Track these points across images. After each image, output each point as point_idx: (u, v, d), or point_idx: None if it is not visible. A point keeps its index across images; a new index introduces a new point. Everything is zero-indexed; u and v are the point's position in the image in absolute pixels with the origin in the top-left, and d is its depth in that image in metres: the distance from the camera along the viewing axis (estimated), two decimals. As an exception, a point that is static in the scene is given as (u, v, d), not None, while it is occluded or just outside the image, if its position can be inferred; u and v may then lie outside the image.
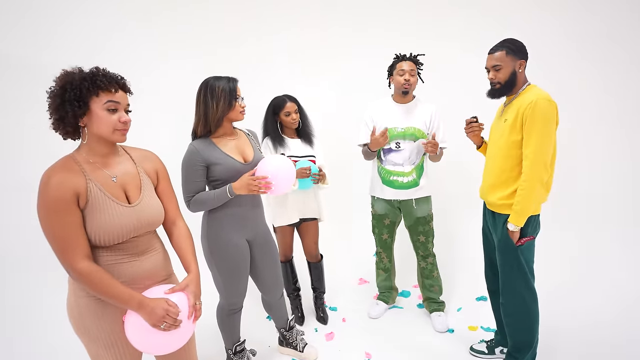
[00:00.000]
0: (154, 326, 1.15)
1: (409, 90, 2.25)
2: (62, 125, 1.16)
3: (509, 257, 1.77)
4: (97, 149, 1.21)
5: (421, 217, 2.37)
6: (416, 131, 2.26)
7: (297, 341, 2.20)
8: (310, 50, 3.32)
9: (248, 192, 1.63)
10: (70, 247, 1.11)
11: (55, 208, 1.09)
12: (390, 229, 2.49)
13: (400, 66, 2.24)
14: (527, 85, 1.73)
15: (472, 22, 3.10)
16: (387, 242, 2.53)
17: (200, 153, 1.65)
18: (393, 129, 2.26)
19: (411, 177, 2.28)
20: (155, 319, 1.15)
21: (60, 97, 1.13)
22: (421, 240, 2.42)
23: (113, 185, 1.21)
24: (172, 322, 1.17)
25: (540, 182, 1.64)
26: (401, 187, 2.29)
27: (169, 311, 1.17)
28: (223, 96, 1.64)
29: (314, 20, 3.27)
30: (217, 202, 1.68)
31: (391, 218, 2.45)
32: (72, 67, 1.18)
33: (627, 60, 2.94)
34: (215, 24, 3.23)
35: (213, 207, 1.71)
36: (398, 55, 2.30)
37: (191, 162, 1.66)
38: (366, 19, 3.24)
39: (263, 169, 1.66)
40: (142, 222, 1.24)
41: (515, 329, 1.86)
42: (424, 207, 2.37)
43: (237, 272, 1.81)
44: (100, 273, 1.13)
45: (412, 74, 2.23)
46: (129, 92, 1.26)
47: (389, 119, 2.29)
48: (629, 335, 2.24)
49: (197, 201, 1.68)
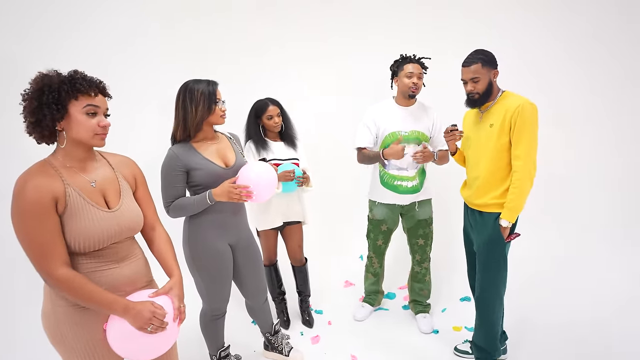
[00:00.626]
0: (140, 329, 1.13)
1: (416, 93, 2.21)
2: (39, 129, 1.12)
3: (496, 254, 1.86)
4: (74, 154, 1.18)
5: (422, 220, 2.36)
6: (420, 135, 2.23)
7: (283, 345, 2.18)
8: (303, 52, 3.30)
9: (228, 199, 1.60)
10: (49, 253, 1.08)
11: (33, 213, 1.06)
12: (385, 235, 2.46)
13: (407, 68, 2.17)
14: (503, 92, 1.85)
15: (468, 25, 3.11)
16: (381, 248, 2.50)
17: (180, 158, 1.62)
18: (397, 132, 2.22)
19: (415, 181, 2.26)
20: (141, 321, 1.13)
21: (37, 100, 1.10)
22: (420, 243, 2.41)
23: (92, 190, 1.19)
24: (159, 324, 1.15)
25: (531, 180, 1.76)
26: (406, 192, 2.26)
27: (156, 313, 1.15)
28: (202, 100, 1.60)
29: (311, 20, 3.24)
30: (197, 208, 1.65)
31: (389, 225, 2.42)
32: (49, 70, 1.15)
33: (613, 60, 3.01)
34: (206, 27, 3.18)
35: (193, 213, 1.68)
36: (404, 55, 2.22)
37: (170, 167, 1.62)
38: (365, 20, 3.22)
39: (244, 177, 1.63)
40: (123, 228, 1.22)
41: (490, 321, 1.94)
42: (427, 209, 2.37)
43: (219, 277, 1.79)
44: (81, 279, 1.11)
45: (419, 76, 2.18)
46: (109, 97, 1.24)
47: (392, 122, 2.24)
48: (610, 332, 2.31)
49: (176, 207, 1.65)
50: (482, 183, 1.86)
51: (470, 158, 1.96)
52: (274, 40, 3.25)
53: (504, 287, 1.90)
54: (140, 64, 3.05)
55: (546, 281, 2.85)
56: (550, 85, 2.97)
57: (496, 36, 2.96)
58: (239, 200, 1.60)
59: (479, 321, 1.98)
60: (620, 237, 3.05)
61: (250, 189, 1.60)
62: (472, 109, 1.95)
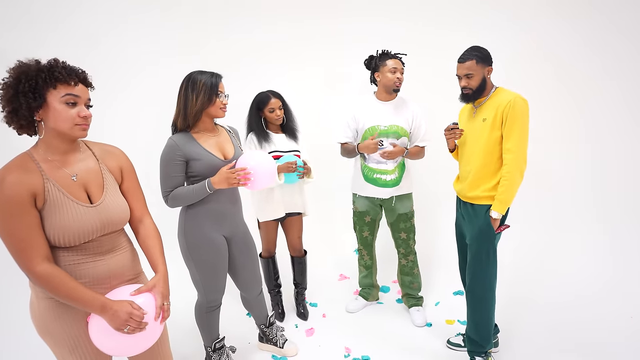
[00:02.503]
0: (117, 329, 1.12)
1: (399, 88, 2.24)
2: (16, 118, 1.10)
3: (486, 245, 1.89)
4: (55, 145, 1.16)
5: (403, 214, 2.39)
6: (399, 129, 2.26)
7: (277, 337, 2.20)
8: (296, 44, 3.28)
9: (227, 185, 1.60)
10: (28, 249, 1.07)
11: (11, 209, 1.05)
12: (371, 226, 2.50)
13: (389, 64, 2.20)
14: (497, 88, 1.88)
15: (457, 20, 3.10)
16: (368, 239, 2.54)
17: (180, 147, 1.63)
18: (376, 126, 2.26)
19: (394, 175, 2.29)
20: (118, 322, 1.11)
21: (13, 89, 1.08)
22: (402, 237, 2.44)
23: (73, 185, 1.16)
24: (137, 325, 1.13)
25: (521, 173, 1.80)
26: (384, 185, 2.30)
27: (133, 314, 1.13)
28: (204, 90, 1.61)
29: (302, 12, 3.22)
30: (195, 197, 1.65)
31: (372, 216, 2.46)
32: (29, 59, 1.12)
33: (591, 60, 3.00)
34: (200, 17, 3.15)
35: (191, 202, 1.68)
36: (384, 51, 2.25)
37: (170, 156, 1.63)
38: (353, 12, 3.22)
39: (242, 163, 1.65)
40: (105, 223, 1.20)
41: (482, 313, 1.96)
42: (406, 203, 2.39)
43: (215, 269, 1.80)
44: (61, 275, 1.09)
45: (402, 71, 2.22)
46: (91, 87, 1.21)
47: (372, 116, 2.28)
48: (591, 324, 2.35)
49: (175, 196, 1.65)
50: (474, 176, 1.89)
51: (463, 152, 1.99)
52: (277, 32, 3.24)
53: (494, 279, 1.94)
54: (142, 55, 3.03)
55: (534, 273, 2.89)
56: (529, 85, 2.91)
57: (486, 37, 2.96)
58: (238, 184, 1.60)
59: (470, 314, 2.01)
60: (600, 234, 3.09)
61: (248, 170, 1.60)
62: (466, 103, 1.98)
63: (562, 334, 2.27)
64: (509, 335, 2.26)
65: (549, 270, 2.92)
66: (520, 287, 2.76)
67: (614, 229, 3.03)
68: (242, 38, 3.21)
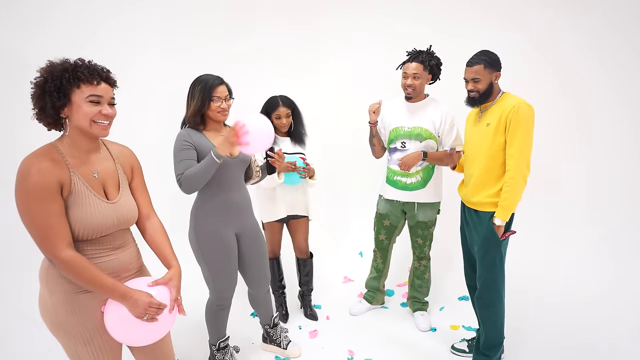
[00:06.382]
0: (137, 317, 1.17)
1: (412, 95, 2.19)
2: (43, 116, 1.15)
3: (493, 252, 1.87)
4: (79, 143, 1.20)
5: (422, 222, 2.35)
6: (423, 131, 2.19)
7: (281, 338, 2.20)
8: (306, 45, 3.29)
9: (230, 145, 1.55)
10: (54, 235, 1.10)
11: (40, 195, 1.08)
12: (388, 231, 2.46)
13: (405, 68, 2.16)
14: (503, 93, 1.87)
15: (485, 16, 3.09)
16: (384, 243, 2.50)
17: (191, 136, 1.69)
18: (400, 128, 2.23)
19: (415, 178, 2.24)
20: (138, 310, 1.17)
21: (40, 88, 1.13)
22: (419, 242, 2.42)
23: (94, 181, 1.21)
24: (155, 314, 1.19)
25: (524, 179, 1.78)
26: (404, 188, 2.26)
27: (152, 303, 1.18)
28: (199, 94, 1.68)
29: (310, 12, 3.24)
30: (206, 170, 1.61)
31: (391, 220, 2.42)
32: (57, 59, 1.17)
33: (587, 61, 2.99)
34: (206, 19, 3.18)
35: (204, 180, 1.65)
36: (411, 53, 2.18)
37: (181, 142, 1.68)
38: (367, 11, 3.22)
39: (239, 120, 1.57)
40: (121, 220, 1.25)
41: (491, 322, 1.94)
42: (428, 212, 2.32)
43: (225, 265, 1.82)
44: (84, 262, 1.13)
45: (416, 77, 2.13)
46: (114, 86, 1.24)
47: (396, 117, 2.25)
48: (593, 327, 2.32)
49: (187, 177, 1.63)
50: (477, 180, 1.88)
51: (467, 156, 1.99)
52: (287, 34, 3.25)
53: (502, 286, 1.91)
54: (152, 56, 3.06)
55: (539, 280, 2.86)
56: (528, 89, 2.89)
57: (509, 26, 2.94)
58: (238, 141, 1.53)
59: (481, 323, 1.98)
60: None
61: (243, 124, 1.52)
62: (472, 107, 1.97)
63: (569, 341, 2.24)
64: (515, 342, 2.23)
65: (553, 275, 2.89)
66: (524, 295, 2.73)
67: (616, 232, 2.99)
68: (258, 36, 3.23)
